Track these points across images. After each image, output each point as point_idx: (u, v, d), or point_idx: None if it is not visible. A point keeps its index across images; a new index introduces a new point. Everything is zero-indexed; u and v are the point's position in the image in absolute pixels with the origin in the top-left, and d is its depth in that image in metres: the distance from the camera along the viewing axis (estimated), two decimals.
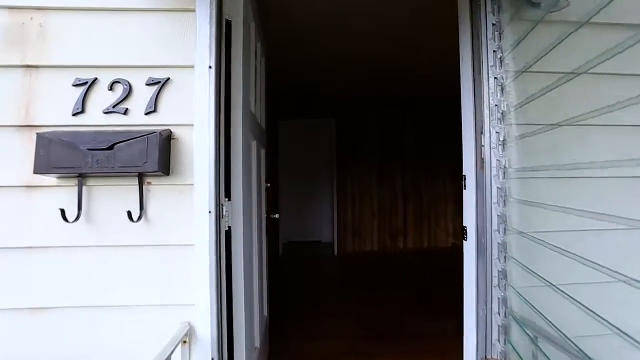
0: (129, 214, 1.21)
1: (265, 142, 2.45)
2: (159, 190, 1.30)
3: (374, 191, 5.83)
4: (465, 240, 1.49)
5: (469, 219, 1.44)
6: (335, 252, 5.75)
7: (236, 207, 1.44)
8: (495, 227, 1.23)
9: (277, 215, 2.41)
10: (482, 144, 1.27)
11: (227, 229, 1.41)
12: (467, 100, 1.41)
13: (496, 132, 1.22)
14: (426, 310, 3.27)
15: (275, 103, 5.43)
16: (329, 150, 6.94)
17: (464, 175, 1.48)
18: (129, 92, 1.29)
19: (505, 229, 1.20)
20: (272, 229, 5.12)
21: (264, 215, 2.32)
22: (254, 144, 1.85)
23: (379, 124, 5.84)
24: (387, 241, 5.86)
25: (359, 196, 5.82)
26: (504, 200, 1.21)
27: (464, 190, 1.52)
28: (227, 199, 1.41)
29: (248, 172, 1.64)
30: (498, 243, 1.22)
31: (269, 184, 2.43)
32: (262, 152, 2.27)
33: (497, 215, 1.22)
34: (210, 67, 1.27)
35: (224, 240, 1.37)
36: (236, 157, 1.44)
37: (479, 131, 1.31)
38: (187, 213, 1.30)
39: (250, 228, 1.64)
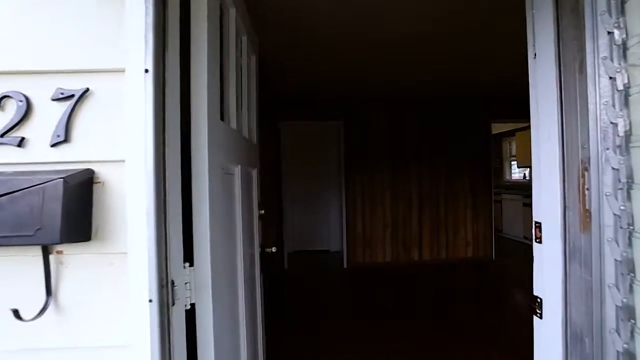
0: (16, 313, 0.76)
1: (258, 157, 1.99)
2: (76, 263, 0.84)
3: (386, 198, 5.35)
4: (539, 317, 1.01)
5: (547, 288, 0.96)
6: (345, 265, 5.28)
7: (202, 276, 0.97)
8: (612, 324, 0.75)
9: (274, 249, 1.95)
10: (586, 185, 0.78)
11: (189, 307, 0.96)
12: (546, 111, 0.92)
13: (613, 168, 0.74)
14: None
15: (277, 103, 4.97)
16: (337, 154, 6.48)
17: (538, 223, 1.00)
18: (26, 112, 0.83)
19: (632, 331, 0.72)
20: (276, 238, 4.66)
21: (257, 250, 1.87)
22: (237, 169, 1.39)
23: (392, 126, 5.34)
24: (401, 252, 5.37)
25: (370, 203, 5.34)
26: (630, 285, 0.72)
27: (534, 243, 1.04)
28: (187, 265, 0.95)
29: (227, 216, 1.18)
30: (618, 352, 0.74)
31: (262, 211, 1.97)
32: (254, 173, 1.81)
33: (617, 307, 0.74)
34: (146, 70, 0.80)
35: (180, 332, 0.92)
36: (201, 201, 0.97)
37: (574, 163, 0.83)
38: (122, 296, 0.84)
39: (229, 298, 1.17)
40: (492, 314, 3.39)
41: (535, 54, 0.97)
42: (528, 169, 7.31)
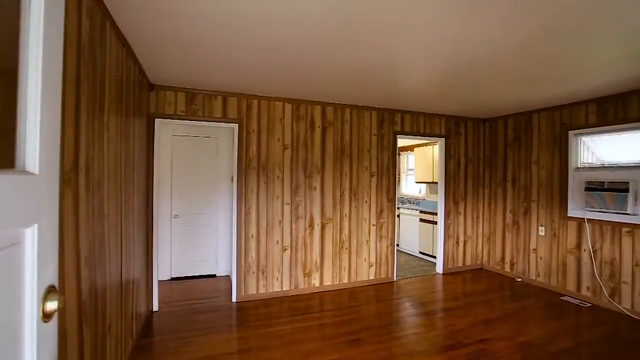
0: None
1: (55, 196, 1.03)
2: None
3: (285, 215, 4.62)
4: None
5: None
6: (235, 298, 4.36)
7: None
8: None
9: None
10: None
11: None
12: None
13: None
14: None
15: (154, 95, 3.79)
16: (229, 162, 5.52)
17: None
18: None
19: None
20: (144, 269, 3.47)
21: None
22: None
23: (294, 133, 4.64)
24: (300, 279, 4.71)
25: (267, 222, 4.53)
26: None
27: None
28: None
29: None
30: None
31: (59, 304, 1.01)
32: (27, 237, 0.86)
33: None
34: None
35: None
36: None
37: None
38: None
39: None
40: None
41: None
42: (424, 184, 7.45)
